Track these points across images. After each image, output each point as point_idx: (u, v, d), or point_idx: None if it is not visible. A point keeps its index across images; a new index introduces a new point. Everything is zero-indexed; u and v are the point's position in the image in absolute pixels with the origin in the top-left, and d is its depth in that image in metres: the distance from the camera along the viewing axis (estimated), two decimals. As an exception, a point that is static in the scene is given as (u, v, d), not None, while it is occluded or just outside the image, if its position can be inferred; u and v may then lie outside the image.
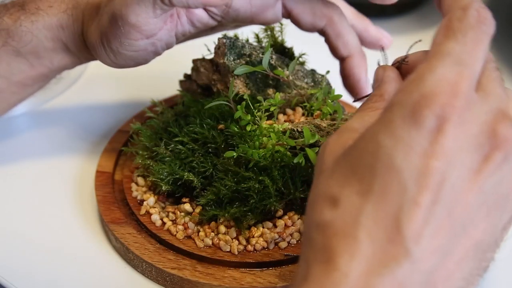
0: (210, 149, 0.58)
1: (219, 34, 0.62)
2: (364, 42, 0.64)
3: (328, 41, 0.61)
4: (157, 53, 0.58)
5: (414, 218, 0.35)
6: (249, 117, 0.57)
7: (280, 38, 0.66)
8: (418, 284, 0.35)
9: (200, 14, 0.58)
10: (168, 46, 0.58)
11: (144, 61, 0.58)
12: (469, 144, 0.36)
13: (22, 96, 0.63)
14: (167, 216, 0.58)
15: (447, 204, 0.35)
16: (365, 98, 0.47)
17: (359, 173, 0.37)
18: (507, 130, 0.37)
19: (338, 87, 0.64)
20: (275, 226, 0.56)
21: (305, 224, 0.39)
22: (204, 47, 0.66)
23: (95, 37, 0.57)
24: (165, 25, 0.56)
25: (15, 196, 0.64)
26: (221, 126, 0.58)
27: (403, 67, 0.47)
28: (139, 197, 0.60)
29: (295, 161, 0.54)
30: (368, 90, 0.61)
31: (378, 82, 0.46)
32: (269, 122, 0.58)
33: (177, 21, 0.57)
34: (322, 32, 0.61)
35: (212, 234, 0.56)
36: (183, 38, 0.59)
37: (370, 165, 0.36)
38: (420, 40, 0.50)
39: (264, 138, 0.56)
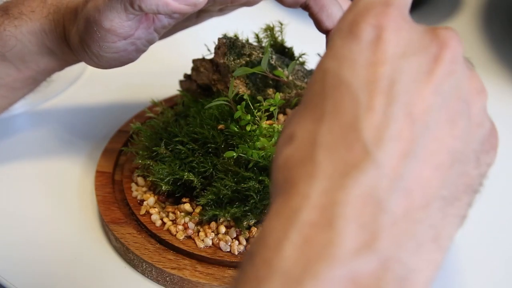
0: (210, 149, 0.58)
1: (219, 34, 0.62)
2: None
3: (311, 15, 0.60)
4: (140, 51, 0.58)
5: (371, 121, 0.34)
6: (249, 117, 0.57)
7: (280, 38, 0.66)
8: (389, 190, 0.33)
9: None
10: (150, 42, 0.58)
11: (129, 60, 0.59)
12: (413, 47, 0.36)
13: (12, 100, 0.63)
14: (167, 216, 0.58)
15: (403, 105, 0.34)
16: None
17: (311, 104, 0.36)
18: (446, 32, 0.37)
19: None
20: (275, 226, 0.56)
21: (270, 180, 0.38)
22: (204, 47, 0.66)
23: (75, 41, 0.57)
24: (141, 24, 0.56)
25: (15, 196, 0.64)
26: (221, 126, 0.58)
27: None
28: (139, 197, 0.60)
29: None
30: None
31: None
32: (269, 122, 0.58)
33: (153, 17, 0.57)
34: (305, 7, 0.60)
35: (212, 234, 0.56)
36: (164, 31, 0.59)
37: (319, 92, 0.36)
38: None
39: (263, 139, 0.56)
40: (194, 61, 0.64)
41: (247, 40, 0.65)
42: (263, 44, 0.65)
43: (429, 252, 0.35)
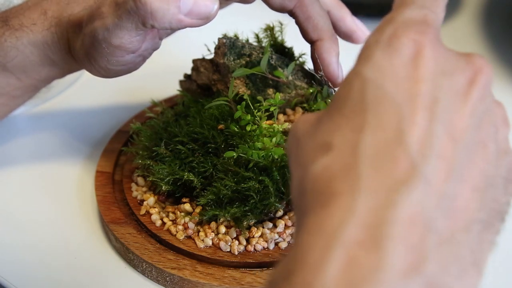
0: (210, 149, 0.58)
1: (219, 34, 0.62)
2: (338, 32, 0.63)
3: (297, 23, 0.60)
4: (145, 59, 0.58)
5: (416, 136, 0.33)
6: (249, 117, 0.57)
7: (280, 38, 0.66)
8: (436, 210, 0.32)
9: None
10: (155, 49, 0.58)
11: (136, 69, 0.59)
12: (451, 67, 0.36)
13: (13, 107, 0.63)
14: (167, 216, 0.58)
15: (445, 123, 0.34)
16: None
17: (348, 112, 0.35)
18: (480, 58, 0.37)
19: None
20: (275, 226, 0.56)
21: (293, 189, 0.36)
22: (204, 47, 0.66)
23: (81, 55, 0.57)
24: (147, 35, 0.56)
25: (15, 196, 0.64)
26: (221, 126, 0.58)
27: None
28: (139, 197, 0.60)
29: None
30: (340, 74, 0.60)
31: None
32: (269, 122, 0.58)
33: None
34: (291, 14, 0.60)
35: (212, 234, 0.56)
36: (167, 35, 0.59)
37: (359, 101, 0.35)
38: None
39: (265, 139, 0.56)
40: (194, 61, 0.64)
41: (247, 40, 0.65)
42: (263, 44, 0.65)
43: (471, 277, 0.33)
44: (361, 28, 0.63)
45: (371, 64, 0.35)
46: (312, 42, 0.60)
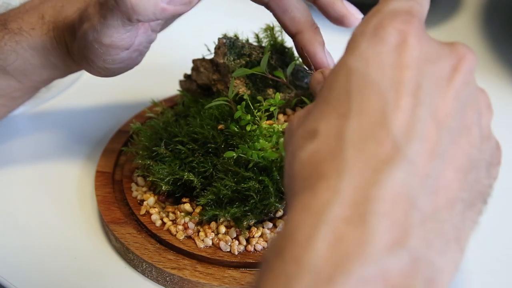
0: (210, 149, 0.57)
1: (219, 34, 0.62)
2: (328, 17, 0.60)
3: (275, 16, 0.59)
4: (143, 53, 0.58)
5: (400, 119, 0.34)
6: (249, 117, 0.57)
7: (280, 38, 0.66)
8: (420, 188, 0.34)
9: None
10: (151, 42, 0.58)
11: (135, 64, 0.58)
12: (435, 55, 0.37)
13: (12, 107, 0.63)
14: (167, 216, 0.58)
15: (429, 108, 0.35)
16: None
17: (334, 100, 0.36)
18: (463, 46, 0.39)
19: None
20: (275, 226, 0.56)
21: (285, 176, 0.38)
22: (204, 47, 0.66)
23: (79, 58, 0.57)
24: (138, 30, 0.55)
25: (15, 196, 0.64)
26: (221, 126, 0.58)
27: None
28: (139, 197, 0.60)
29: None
30: (329, 62, 0.59)
31: None
32: (269, 122, 0.58)
33: None
34: (268, 7, 0.59)
35: (212, 234, 0.56)
36: (161, 26, 0.58)
37: (344, 89, 0.36)
38: None
39: (261, 141, 0.56)
40: (194, 61, 0.64)
41: (247, 40, 0.65)
42: (263, 44, 0.65)
43: (453, 252, 0.35)
44: (352, 12, 0.61)
45: (357, 53, 0.37)
46: (292, 35, 0.59)
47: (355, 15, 0.61)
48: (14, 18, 0.60)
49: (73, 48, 0.58)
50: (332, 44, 0.60)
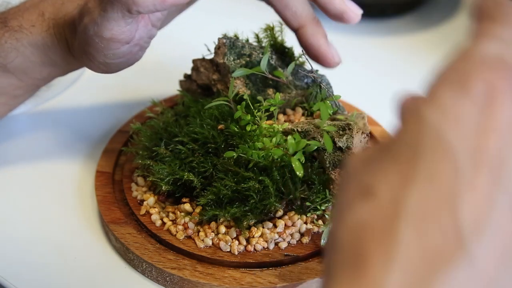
0: (210, 149, 0.57)
1: (219, 34, 0.62)
2: (327, 14, 0.60)
3: (276, 12, 0.59)
4: (144, 48, 0.58)
5: (472, 204, 0.28)
6: (249, 117, 0.57)
7: (280, 38, 0.66)
8: None
9: None
10: (151, 37, 0.58)
11: (136, 60, 0.58)
12: None
13: (13, 106, 0.63)
14: (167, 216, 0.58)
15: (508, 191, 0.29)
16: None
17: (399, 156, 0.30)
18: None
19: (338, 86, 0.64)
20: (275, 226, 0.56)
21: (328, 237, 0.32)
22: (204, 47, 0.66)
23: (80, 54, 0.57)
24: (139, 24, 0.55)
25: (15, 196, 0.64)
26: (221, 126, 0.58)
27: None
28: (139, 197, 0.60)
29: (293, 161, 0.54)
30: (333, 52, 0.59)
31: None
32: (269, 122, 0.58)
33: (147, 14, 0.56)
34: (269, 3, 0.59)
35: (212, 234, 0.56)
36: (161, 21, 0.58)
37: (412, 145, 0.30)
38: None
39: (264, 139, 0.56)
40: (194, 61, 0.64)
41: (247, 40, 0.65)
42: (263, 44, 0.65)
43: None
44: (351, 8, 0.60)
45: (435, 103, 0.30)
46: (295, 30, 0.59)
47: (354, 11, 0.60)
48: (14, 16, 0.60)
49: (74, 44, 0.58)
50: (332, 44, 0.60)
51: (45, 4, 0.60)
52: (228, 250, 0.55)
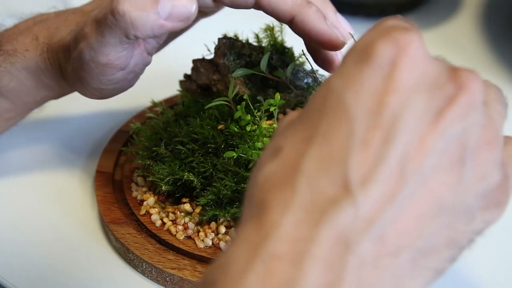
0: (210, 149, 0.58)
1: (219, 34, 0.62)
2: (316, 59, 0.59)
3: (266, 13, 0.56)
4: (138, 75, 0.58)
5: (362, 158, 0.32)
6: (249, 117, 0.57)
7: (280, 38, 0.66)
8: (362, 234, 0.31)
9: None
10: (146, 65, 0.58)
11: (130, 86, 0.58)
12: (428, 81, 0.33)
13: (4, 128, 0.63)
14: (167, 216, 0.58)
15: (400, 145, 0.32)
16: None
17: (306, 120, 0.34)
18: (468, 74, 0.34)
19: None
20: (275, 226, 0.56)
21: (247, 189, 0.36)
22: (204, 47, 0.66)
23: (74, 79, 0.57)
24: (134, 51, 0.55)
25: (15, 196, 0.64)
26: (221, 126, 0.58)
27: None
28: (139, 197, 0.60)
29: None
30: (336, 34, 0.54)
31: None
32: (269, 122, 0.58)
33: (142, 41, 0.56)
34: (256, 8, 0.56)
35: (212, 234, 0.56)
36: (156, 49, 0.58)
37: (318, 110, 0.33)
38: None
39: (265, 139, 0.56)
40: (194, 61, 0.64)
41: (247, 40, 0.65)
42: (263, 44, 0.65)
43: None
44: (343, 26, 0.58)
45: (340, 72, 0.34)
46: (289, 23, 0.55)
47: (345, 28, 0.58)
48: (8, 40, 0.59)
49: (67, 69, 0.57)
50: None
51: (40, 27, 0.60)
52: (228, 250, 0.55)
